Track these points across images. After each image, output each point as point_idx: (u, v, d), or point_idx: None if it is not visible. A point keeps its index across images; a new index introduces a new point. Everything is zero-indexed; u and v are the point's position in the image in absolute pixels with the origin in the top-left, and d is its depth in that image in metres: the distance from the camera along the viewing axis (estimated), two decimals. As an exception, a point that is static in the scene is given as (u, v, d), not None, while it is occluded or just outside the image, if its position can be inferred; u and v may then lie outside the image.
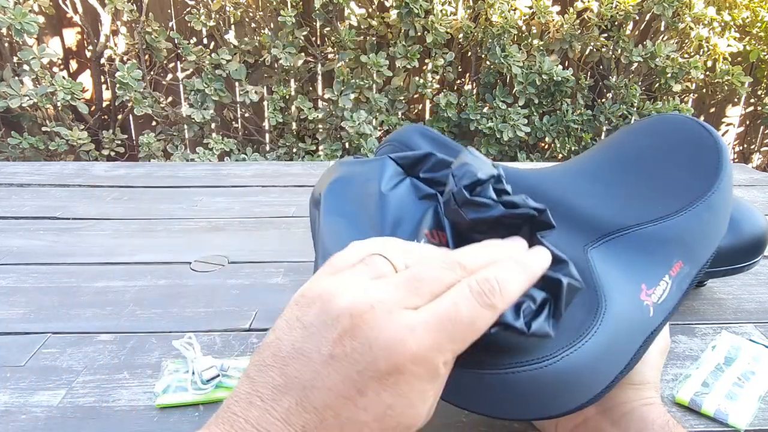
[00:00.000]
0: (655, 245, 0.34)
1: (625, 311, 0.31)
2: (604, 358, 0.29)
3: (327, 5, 2.02)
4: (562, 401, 0.28)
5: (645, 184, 0.37)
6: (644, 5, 2.10)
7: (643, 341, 0.31)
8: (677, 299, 0.34)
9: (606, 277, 0.32)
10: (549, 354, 0.27)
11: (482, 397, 0.28)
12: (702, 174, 0.36)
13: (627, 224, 0.34)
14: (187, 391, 0.42)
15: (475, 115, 2.14)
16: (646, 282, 0.32)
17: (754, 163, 2.65)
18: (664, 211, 0.35)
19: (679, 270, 0.34)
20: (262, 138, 2.35)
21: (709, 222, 0.35)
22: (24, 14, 1.75)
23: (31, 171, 0.97)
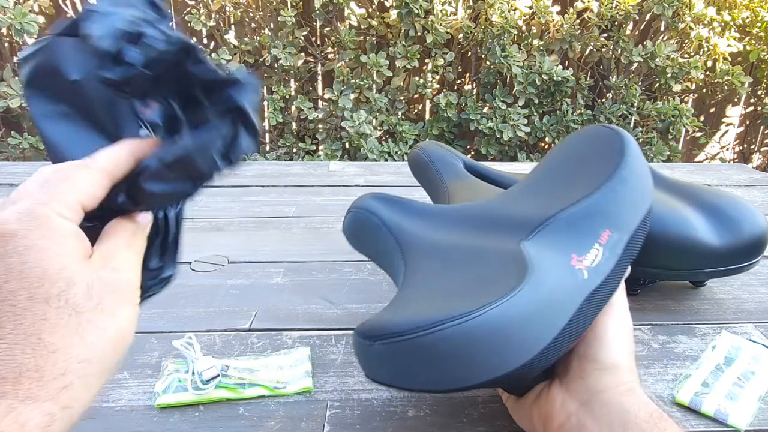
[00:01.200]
0: (578, 222, 0.37)
1: (554, 274, 0.33)
2: (535, 315, 0.30)
3: (327, 5, 2.02)
4: (494, 361, 0.28)
5: (566, 181, 0.42)
6: (644, 5, 2.10)
7: (581, 301, 0.33)
8: (613, 263, 0.36)
9: (537, 257, 0.34)
10: (469, 311, 0.28)
11: (404, 368, 0.30)
12: (610, 158, 0.41)
13: (552, 213, 0.38)
14: (187, 391, 0.42)
15: (475, 115, 2.14)
16: (576, 252, 0.36)
17: (754, 163, 2.65)
18: (583, 193, 0.39)
19: (608, 238, 0.37)
20: (262, 138, 2.35)
21: (625, 192, 0.39)
22: (24, 14, 1.75)
23: (31, 171, 0.97)
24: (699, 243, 0.53)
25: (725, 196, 0.57)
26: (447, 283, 0.36)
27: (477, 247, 0.38)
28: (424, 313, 0.30)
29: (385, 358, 0.31)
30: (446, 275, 0.37)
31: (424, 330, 0.28)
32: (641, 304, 0.58)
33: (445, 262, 0.38)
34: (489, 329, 0.28)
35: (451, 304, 0.30)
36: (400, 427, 0.41)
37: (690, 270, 0.54)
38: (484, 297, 0.30)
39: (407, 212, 0.45)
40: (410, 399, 0.43)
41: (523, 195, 0.44)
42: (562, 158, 0.45)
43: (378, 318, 0.33)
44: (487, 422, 0.41)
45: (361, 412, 0.42)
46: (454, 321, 0.28)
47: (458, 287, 0.34)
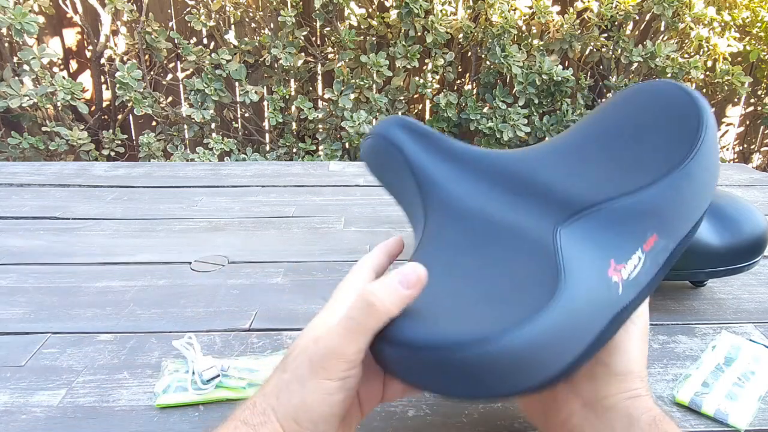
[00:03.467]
0: (626, 219, 0.32)
1: (587, 288, 0.29)
2: (560, 336, 0.28)
3: (327, 5, 2.02)
4: (514, 379, 0.28)
5: (622, 156, 0.35)
6: (644, 5, 2.10)
7: (610, 319, 0.30)
8: (652, 274, 0.32)
9: (571, 256, 0.30)
10: (498, 333, 0.27)
11: (434, 377, 0.29)
12: (680, 141, 0.34)
13: (599, 199, 0.33)
14: (187, 391, 0.42)
15: (475, 115, 2.14)
16: (616, 257, 0.31)
17: (754, 163, 2.65)
18: (639, 183, 0.33)
19: (653, 244, 0.32)
20: (262, 138, 2.35)
21: (687, 191, 0.33)
22: (24, 14, 1.75)
23: (31, 171, 0.97)
24: (699, 243, 0.53)
25: (725, 196, 0.58)
26: (473, 274, 0.32)
27: (507, 224, 0.34)
28: (450, 328, 0.28)
29: (395, 361, 0.30)
30: (472, 259, 0.33)
31: (445, 349, 0.27)
32: (641, 304, 0.58)
33: (470, 236, 0.34)
34: (508, 355, 0.27)
35: (478, 316, 0.29)
36: (400, 427, 0.41)
37: (690, 270, 0.54)
38: (511, 310, 0.28)
39: (435, 150, 0.40)
40: (410, 399, 0.43)
41: (569, 158, 0.37)
42: (621, 119, 0.38)
43: (408, 324, 0.30)
44: (487, 422, 0.41)
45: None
46: (478, 345, 0.27)
47: (485, 285, 0.31)
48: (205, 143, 2.16)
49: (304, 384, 0.29)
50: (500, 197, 0.36)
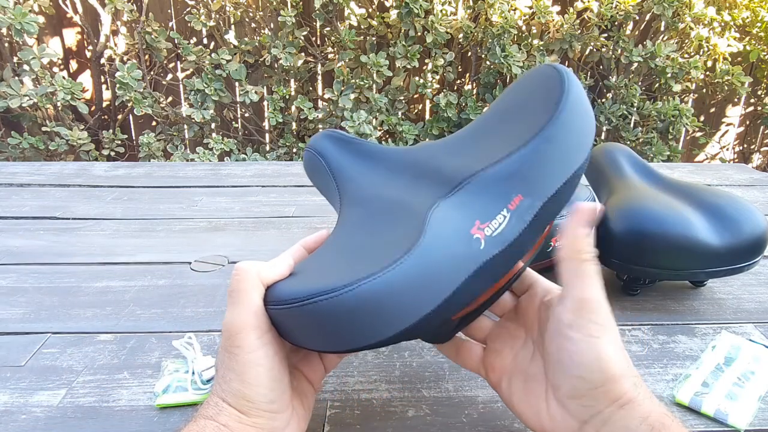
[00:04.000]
0: (493, 184, 0.35)
1: (445, 245, 0.32)
2: (412, 286, 0.30)
3: (327, 5, 2.02)
4: (368, 330, 0.31)
5: (501, 132, 0.39)
6: (644, 5, 2.10)
7: (472, 272, 0.33)
8: (518, 231, 0.35)
9: (438, 220, 0.33)
10: (349, 284, 0.30)
11: (298, 331, 0.33)
12: (543, 110, 0.37)
13: (474, 170, 0.36)
14: (187, 391, 0.42)
15: (475, 115, 2.14)
16: (481, 217, 0.34)
17: (754, 163, 2.65)
18: (506, 151, 0.36)
19: (519, 203, 0.35)
20: (262, 138, 2.35)
21: (549, 154, 0.36)
22: (24, 14, 1.75)
23: (31, 171, 0.97)
24: (699, 243, 0.53)
25: (725, 196, 0.58)
26: (354, 245, 0.36)
27: (397, 203, 0.38)
28: (310, 284, 0.32)
29: (278, 320, 0.34)
30: (360, 235, 0.37)
31: (302, 301, 0.31)
32: (641, 304, 0.58)
33: (364, 217, 0.39)
34: (360, 302, 0.30)
35: (337, 274, 0.32)
36: (400, 427, 0.41)
37: (690, 270, 0.54)
38: (367, 266, 0.31)
39: (354, 153, 0.45)
40: (410, 399, 0.43)
41: (462, 142, 0.42)
42: (507, 102, 0.42)
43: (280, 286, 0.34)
44: (487, 422, 0.41)
45: (361, 412, 0.42)
46: (327, 295, 0.30)
47: (358, 252, 0.35)
48: (205, 143, 2.16)
49: (232, 368, 0.32)
50: (398, 183, 0.40)
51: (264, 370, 0.32)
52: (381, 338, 0.31)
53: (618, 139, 2.29)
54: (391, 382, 0.45)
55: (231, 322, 0.32)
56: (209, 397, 0.33)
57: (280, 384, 0.33)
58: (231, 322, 0.32)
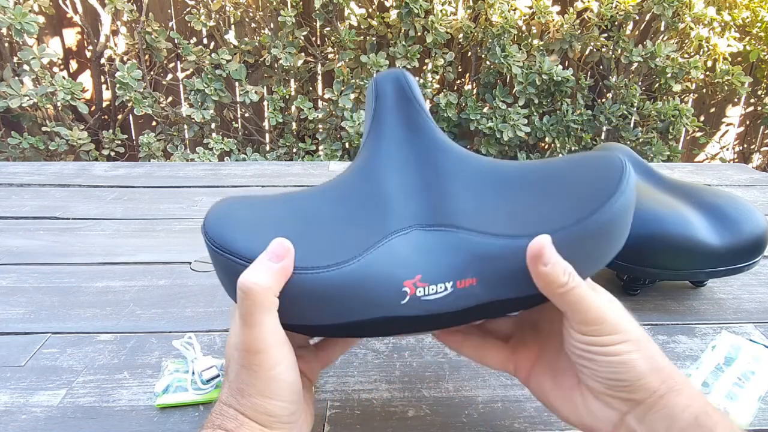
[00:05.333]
0: (464, 251, 0.33)
1: (372, 278, 0.32)
2: (333, 296, 0.32)
3: (327, 5, 2.02)
4: (303, 313, 0.33)
5: (523, 201, 0.35)
6: (644, 5, 2.10)
7: (379, 317, 0.32)
8: (450, 309, 0.32)
9: (390, 251, 0.33)
10: (299, 267, 0.32)
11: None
12: (559, 215, 0.32)
13: (465, 226, 0.34)
14: (187, 391, 0.42)
15: (475, 115, 2.14)
16: (425, 274, 0.32)
17: (754, 163, 2.65)
18: (498, 230, 0.33)
19: (467, 286, 0.32)
20: (262, 138, 2.35)
21: (516, 265, 0.32)
22: (24, 14, 1.75)
23: (31, 171, 0.97)
24: (699, 243, 0.53)
25: (725, 196, 0.58)
26: (328, 214, 0.36)
27: (385, 200, 0.37)
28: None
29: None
30: (339, 206, 0.37)
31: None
32: (641, 304, 0.58)
33: (354, 190, 0.38)
34: (306, 288, 0.32)
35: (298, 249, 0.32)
36: (400, 427, 0.41)
37: (690, 270, 0.54)
38: (319, 256, 0.32)
39: (406, 118, 0.42)
40: (410, 399, 0.43)
41: (494, 185, 0.37)
42: (558, 169, 0.37)
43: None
44: (487, 422, 0.41)
45: (361, 412, 0.42)
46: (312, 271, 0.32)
47: (326, 227, 0.35)
48: (205, 143, 2.16)
49: (252, 384, 0.31)
50: (408, 178, 0.38)
51: (285, 385, 0.32)
52: (307, 323, 0.33)
53: (618, 139, 2.29)
54: (391, 382, 0.45)
55: (249, 343, 0.31)
56: (222, 407, 0.32)
57: (299, 395, 0.33)
58: (249, 343, 0.31)
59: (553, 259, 0.31)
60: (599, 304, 0.32)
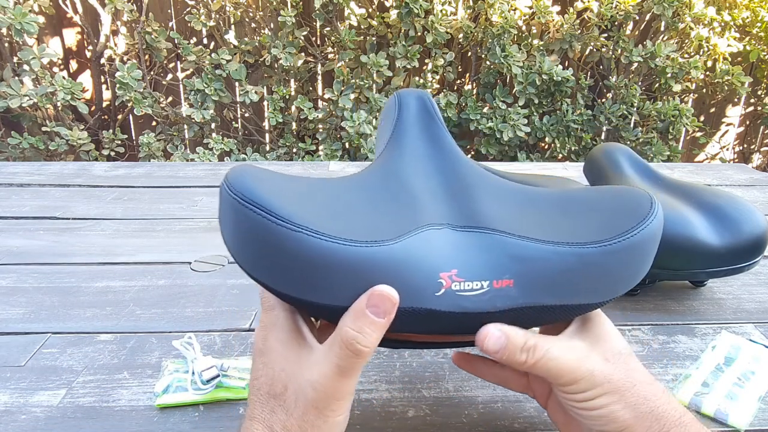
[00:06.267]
0: (502, 253, 0.32)
1: (406, 263, 0.30)
2: (351, 275, 0.29)
3: (327, 5, 2.02)
4: (307, 281, 0.30)
5: (557, 213, 0.36)
6: (644, 5, 2.10)
7: (410, 307, 0.30)
8: (482, 309, 0.31)
9: (424, 240, 0.31)
10: (316, 232, 0.29)
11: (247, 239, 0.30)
12: (609, 228, 0.33)
13: (500, 229, 0.33)
14: (187, 391, 0.42)
15: (475, 115, 2.14)
16: (461, 270, 0.31)
17: (754, 163, 2.65)
18: (540, 235, 0.32)
19: (504, 287, 0.31)
20: (262, 138, 2.35)
21: (574, 270, 0.32)
22: (24, 14, 1.75)
23: (31, 171, 0.97)
24: (699, 243, 0.53)
25: (725, 196, 0.58)
26: (353, 200, 0.35)
27: (413, 196, 0.35)
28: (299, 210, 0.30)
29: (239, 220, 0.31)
30: (364, 195, 0.35)
31: (279, 221, 0.29)
32: (641, 304, 0.58)
33: (380, 186, 0.37)
34: (314, 253, 0.29)
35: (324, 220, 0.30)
36: (400, 427, 0.41)
37: (690, 270, 0.54)
38: (344, 228, 0.30)
39: (428, 133, 0.41)
40: (410, 399, 0.43)
41: (522, 195, 0.38)
42: (592, 194, 0.38)
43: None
44: (487, 422, 0.41)
45: (361, 412, 0.42)
46: (289, 224, 0.29)
47: (351, 209, 0.34)
48: (205, 143, 2.16)
49: (319, 426, 0.30)
50: (431, 183, 0.37)
51: (342, 429, 0.32)
52: (332, 303, 0.30)
53: (618, 139, 2.29)
54: (391, 382, 0.45)
55: (336, 390, 0.30)
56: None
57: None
58: (336, 390, 0.30)
59: (499, 346, 0.32)
60: (570, 366, 0.32)
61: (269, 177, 0.33)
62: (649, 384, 0.33)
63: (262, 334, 0.33)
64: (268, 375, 0.31)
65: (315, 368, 0.30)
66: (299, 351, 0.31)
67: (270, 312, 0.33)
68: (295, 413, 0.30)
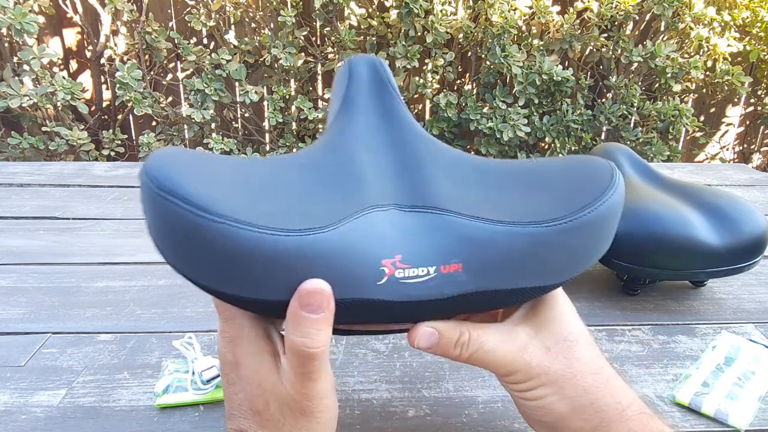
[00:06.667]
0: (448, 234, 0.30)
1: (346, 251, 0.27)
2: (288, 266, 0.27)
3: (327, 5, 2.02)
4: (241, 277, 0.27)
5: (509, 191, 0.33)
6: (644, 5, 2.10)
7: (348, 299, 0.28)
8: (430, 297, 0.29)
9: (367, 224, 0.29)
10: (251, 224, 0.26)
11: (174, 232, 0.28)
12: (558, 205, 0.31)
13: (447, 208, 0.31)
14: (187, 391, 0.42)
15: (475, 115, 2.14)
16: (405, 255, 0.29)
17: (754, 163, 2.65)
18: (492, 215, 0.30)
19: (452, 272, 0.29)
20: (262, 138, 2.35)
21: (509, 254, 0.30)
22: (24, 14, 1.75)
23: (31, 171, 0.97)
24: (699, 243, 0.53)
25: (725, 196, 0.58)
26: (294, 180, 0.32)
27: (359, 173, 0.33)
28: (226, 200, 0.27)
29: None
30: (307, 174, 0.33)
31: (212, 217, 0.26)
32: (641, 304, 0.58)
33: (324, 162, 0.34)
34: (249, 246, 0.26)
35: (256, 207, 0.28)
36: (400, 427, 0.41)
37: (690, 270, 0.54)
38: (282, 218, 0.27)
39: (380, 103, 0.38)
40: (410, 399, 0.43)
41: (475, 174, 0.35)
42: (544, 168, 0.35)
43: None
44: (487, 422, 0.41)
45: (361, 412, 0.42)
46: (231, 221, 0.26)
47: (291, 190, 0.31)
48: (205, 143, 2.16)
49: (314, 428, 0.30)
50: (381, 159, 0.35)
51: (336, 410, 0.31)
52: (264, 297, 0.28)
53: (618, 139, 2.29)
54: (391, 382, 0.45)
55: (315, 392, 0.29)
56: None
57: None
58: (315, 392, 0.29)
59: (431, 342, 0.31)
60: (506, 358, 0.32)
61: (195, 161, 0.29)
62: (593, 374, 0.32)
63: (229, 347, 0.31)
64: (246, 391, 0.30)
65: (286, 379, 0.29)
66: (271, 363, 0.30)
67: (231, 322, 0.31)
68: (286, 425, 0.30)
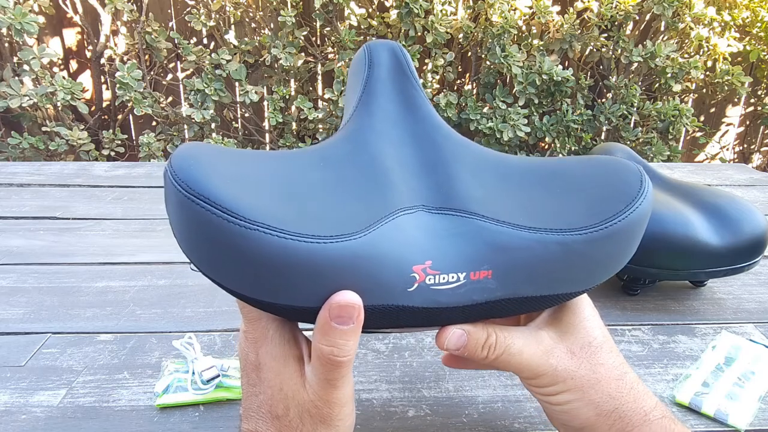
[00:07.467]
0: (479, 240, 0.29)
1: (375, 258, 0.27)
2: (315, 274, 0.26)
3: (327, 5, 2.02)
4: (266, 283, 0.27)
5: (543, 196, 0.32)
6: (644, 5, 2.10)
7: (378, 306, 0.28)
8: (459, 303, 0.29)
9: (396, 228, 0.28)
10: (277, 228, 0.25)
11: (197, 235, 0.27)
12: (592, 215, 0.30)
13: (477, 212, 0.30)
14: (187, 391, 0.42)
15: (475, 115, 2.14)
16: (435, 261, 0.28)
17: (754, 163, 2.65)
18: (523, 221, 0.30)
19: (482, 278, 0.29)
20: (262, 138, 2.35)
21: (537, 261, 0.29)
22: (24, 14, 1.75)
23: (31, 171, 0.97)
24: (699, 243, 0.53)
25: (725, 196, 0.58)
26: (316, 180, 0.31)
27: (384, 172, 0.32)
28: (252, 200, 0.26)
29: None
30: (330, 172, 0.32)
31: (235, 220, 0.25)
32: (641, 304, 0.58)
33: (347, 160, 0.33)
34: (276, 253, 0.25)
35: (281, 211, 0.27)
36: (400, 427, 0.41)
37: (690, 270, 0.54)
38: (306, 222, 0.27)
39: (402, 94, 0.37)
40: (410, 399, 0.43)
41: (503, 175, 0.34)
42: (574, 170, 0.34)
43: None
44: (487, 422, 0.41)
45: (361, 412, 0.42)
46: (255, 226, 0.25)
47: (314, 193, 0.30)
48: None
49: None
50: (405, 154, 0.34)
51: (353, 419, 0.31)
52: (295, 304, 0.27)
53: (618, 139, 2.29)
54: (391, 382, 0.45)
55: (336, 399, 0.29)
56: None
57: None
58: (336, 399, 0.29)
59: (460, 344, 0.31)
60: (532, 361, 0.32)
61: (220, 158, 0.29)
62: (617, 380, 0.32)
63: (252, 348, 0.31)
64: (266, 394, 0.30)
65: (309, 385, 0.29)
66: (295, 367, 0.30)
67: (256, 323, 0.31)
68: (305, 426, 0.30)
